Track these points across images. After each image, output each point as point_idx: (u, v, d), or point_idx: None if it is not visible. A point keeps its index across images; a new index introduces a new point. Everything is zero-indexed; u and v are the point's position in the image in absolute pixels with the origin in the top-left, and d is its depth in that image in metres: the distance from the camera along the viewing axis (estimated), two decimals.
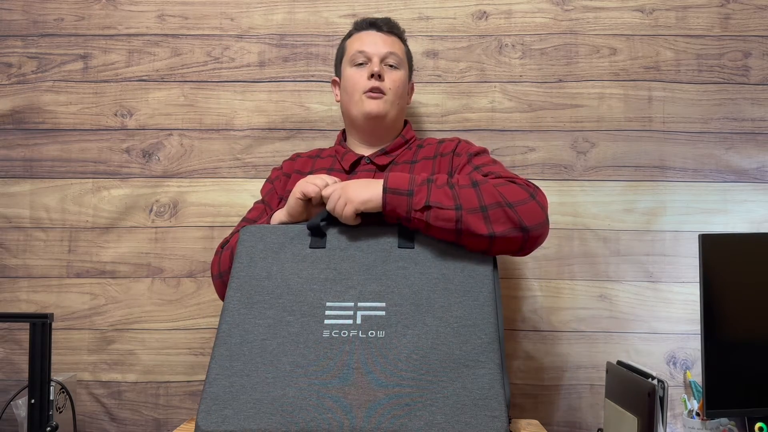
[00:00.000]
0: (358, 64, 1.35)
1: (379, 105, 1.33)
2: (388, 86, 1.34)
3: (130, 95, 1.66)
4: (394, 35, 1.40)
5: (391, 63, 1.36)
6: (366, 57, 1.35)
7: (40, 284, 1.62)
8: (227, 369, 0.98)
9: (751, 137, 1.62)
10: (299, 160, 1.41)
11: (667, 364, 1.57)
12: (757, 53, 1.64)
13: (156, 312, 1.61)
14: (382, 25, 1.39)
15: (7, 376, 1.60)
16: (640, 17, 1.65)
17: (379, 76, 1.33)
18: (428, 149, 1.36)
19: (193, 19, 1.67)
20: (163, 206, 1.63)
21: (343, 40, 1.44)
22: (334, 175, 1.34)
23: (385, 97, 1.33)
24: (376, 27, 1.39)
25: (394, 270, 1.07)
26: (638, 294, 1.59)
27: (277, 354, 0.99)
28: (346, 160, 1.35)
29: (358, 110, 1.34)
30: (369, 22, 1.40)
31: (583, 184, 1.62)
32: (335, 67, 1.46)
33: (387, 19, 1.41)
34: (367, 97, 1.33)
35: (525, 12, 1.66)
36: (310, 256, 1.09)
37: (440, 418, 0.92)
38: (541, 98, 1.64)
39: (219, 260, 1.25)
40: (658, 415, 1.05)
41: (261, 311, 1.03)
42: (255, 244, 1.11)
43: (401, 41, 1.42)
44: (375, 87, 1.33)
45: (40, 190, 1.64)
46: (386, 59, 1.35)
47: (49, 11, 1.68)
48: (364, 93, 1.33)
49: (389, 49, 1.36)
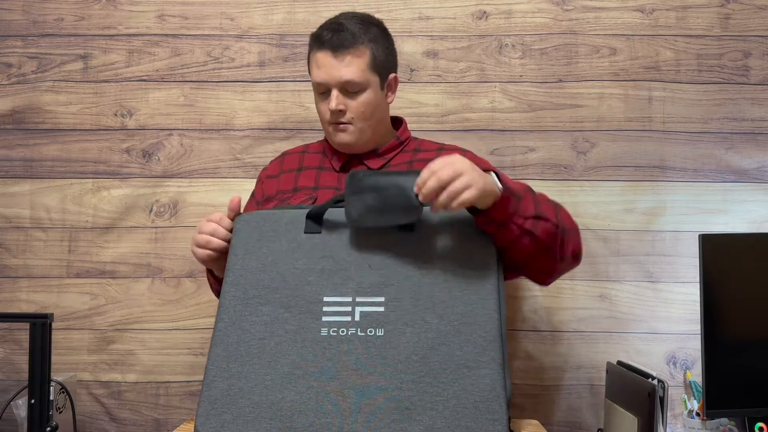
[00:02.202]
0: (320, 93, 1.27)
1: (346, 136, 1.28)
2: (351, 115, 1.26)
3: (130, 95, 1.66)
4: (350, 51, 1.23)
5: (352, 90, 1.25)
6: (325, 87, 1.26)
7: (40, 284, 1.62)
8: (225, 371, 0.97)
9: (751, 137, 1.62)
10: (287, 158, 1.39)
11: (667, 364, 1.57)
12: (757, 53, 1.64)
13: (156, 312, 1.61)
14: (333, 44, 1.23)
15: (7, 376, 1.60)
16: (640, 17, 1.65)
17: (339, 111, 1.25)
18: (427, 155, 1.33)
19: (193, 19, 1.67)
20: (163, 206, 1.63)
21: (308, 50, 1.30)
22: (324, 175, 1.31)
23: (351, 127, 1.27)
24: (328, 47, 1.24)
25: (394, 259, 1.03)
26: (638, 294, 1.59)
27: (276, 354, 0.97)
28: (336, 160, 1.32)
29: (331, 139, 1.31)
30: (324, 39, 1.24)
31: (583, 184, 1.62)
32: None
33: (339, 26, 1.25)
34: (333, 129, 1.28)
35: (525, 12, 1.66)
36: (305, 243, 1.06)
37: (440, 422, 0.91)
38: (541, 98, 1.64)
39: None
40: (658, 415, 1.05)
41: (257, 307, 1.01)
42: (250, 234, 1.08)
43: (364, 48, 1.25)
44: (338, 121, 1.27)
45: (40, 190, 1.64)
46: (345, 87, 1.24)
47: (49, 11, 1.68)
48: (329, 125, 1.28)
49: (346, 76, 1.23)
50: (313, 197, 1.27)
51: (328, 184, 1.30)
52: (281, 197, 1.31)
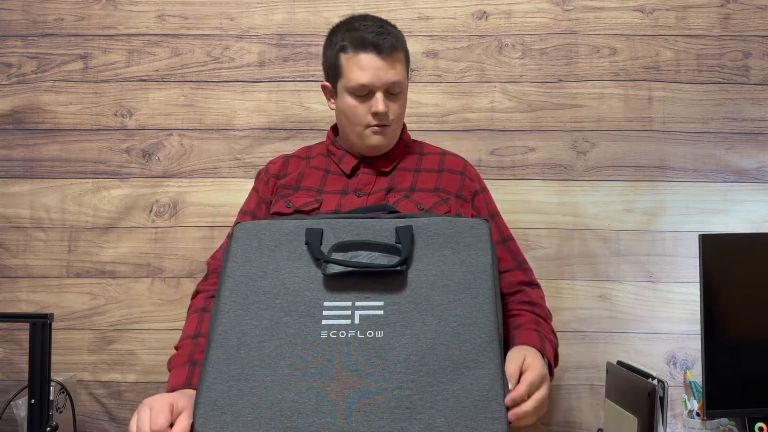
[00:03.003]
0: (360, 96, 1.24)
1: (383, 139, 1.27)
2: (391, 117, 1.25)
3: (130, 95, 1.66)
4: (396, 53, 1.23)
5: (394, 92, 1.24)
6: (368, 90, 1.23)
7: (40, 284, 1.62)
8: (225, 373, 0.97)
9: (751, 137, 1.62)
10: (291, 161, 1.35)
11: (667, 364, 1.57)
12: (757, 53, 1.64)
13: (156, 312, 1.61)
14: (383, 45, 1.21)
15: (7, 376, 1.60)
16: (640, 17, 1.65)
17: (384, 113, 1.23)
18: (431, 160, 1.33)
19: (193, 19, 1.67)
20: (163, 206, 1.63)
21: (335, 49, 1.25)
22: (330, 179, 1.30)
23: (389, 129, 1.27)
24: (376, 49, 1.21)
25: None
26: (638, 294, 1.59)
27: (275, 357, 0.98)
28: (345, 163, 1.31)
29: (361, 142, 1.28)
30: (369, 41, 1.21)
31: (583, 184, 1.62)
32: (325, 73, 1.30)
33: (386, 30, 1.24)
34: (372, 132, 1.26)
35: (525, 12, 1.66)
36: (306, 254, 1.07)
37: (440, 421, 0.92)
38: (541, 98, 1.64)
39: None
40: (658, 415, 1.05)
41: (257, 312, 1.02)
42: (250, 242, 1.09)
43: (402, 50, 1.27)
44: (381, 124, 1.25)
45: (40, 190, 1.64)
46: (389, 89, 1.23)
47: (49, 11, 1.68)
48: (367, 128, 1.25)
49: (393, 78, 1.22)
50: (318, 200, 1.26)
51: (334, 189, 1.29)
52: (281, 192, 1.29)
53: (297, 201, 1.26)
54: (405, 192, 1.28)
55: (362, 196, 1.26)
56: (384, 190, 1.27)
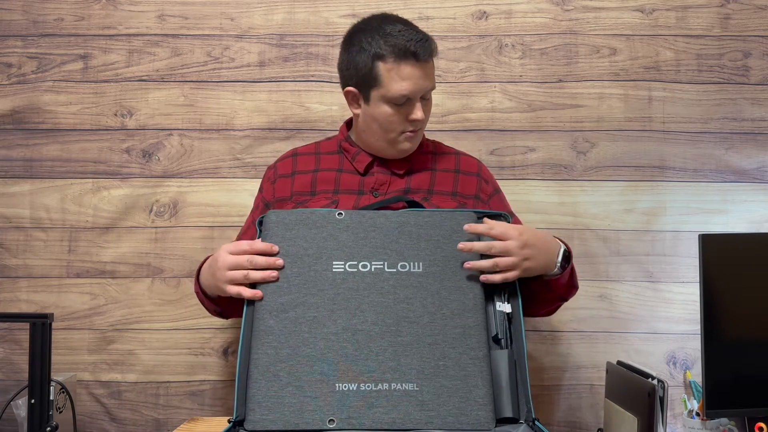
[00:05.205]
0: (398, 105, 1.22)
1: (415, 142, 1.28)
2: (424, 121, 1.27)
3: (130, 95, 1.66)
4: (431, 60, 1.23)
5: (428, 97, 1.26)
6: (407, 98, 1.21)
7: (40, 284, 1.62)
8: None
9: (751, 137, 1.62)
10: (300, 159, 1.36)
11: (667, 364, 1.57)
12: (757, 53, 1.64)
13: (156, 312, 1.61)
14: (423, 54, 1.20)
15: (7, 376, 1.60)
16: (640, 17, 1.65)
17: (422, 120, 1.25)
18: (445, 161, 1.34)
19: (193, 19, 1.67)
20: (163, 206, 1.63)
21: (369, 56, 1.21)
22: (344, 177, 1.29)
23: (419, 133, 1.29)
24: (417, 57, 1.19)
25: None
26: (638, 294, 1.59)
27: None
28: (359, 161, 1.30)
29: (393, 147, 1.28)
30: (411, 51, 1.19)
31: (583, 184, 1.62)
32: (350, 78, 1.26)
33: (424, 36, 1.22)
34: (405, 138, 1.26)
35: (525, 12, 1.66)
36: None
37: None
38: (541, 98, 1.64)
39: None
40: (658, 415, 1.05)
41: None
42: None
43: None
44: (414, 129, 1.26)
45: (40, 190, 1.64)
46: (425, 95, 1.24)
47: (49, 11, 1.68)
48: (402, 134, 1.26)
49: (431, 84, 1.23)
50: (334, 201, 1.26)
51: (349, 188, 1.29)
52: (298, 199, 1.29)
53: (315, 206, 1.25)
54: (423, 194, 1.28)
55: (379, 196, 1.27)
56: (401, 191, 1.28)
